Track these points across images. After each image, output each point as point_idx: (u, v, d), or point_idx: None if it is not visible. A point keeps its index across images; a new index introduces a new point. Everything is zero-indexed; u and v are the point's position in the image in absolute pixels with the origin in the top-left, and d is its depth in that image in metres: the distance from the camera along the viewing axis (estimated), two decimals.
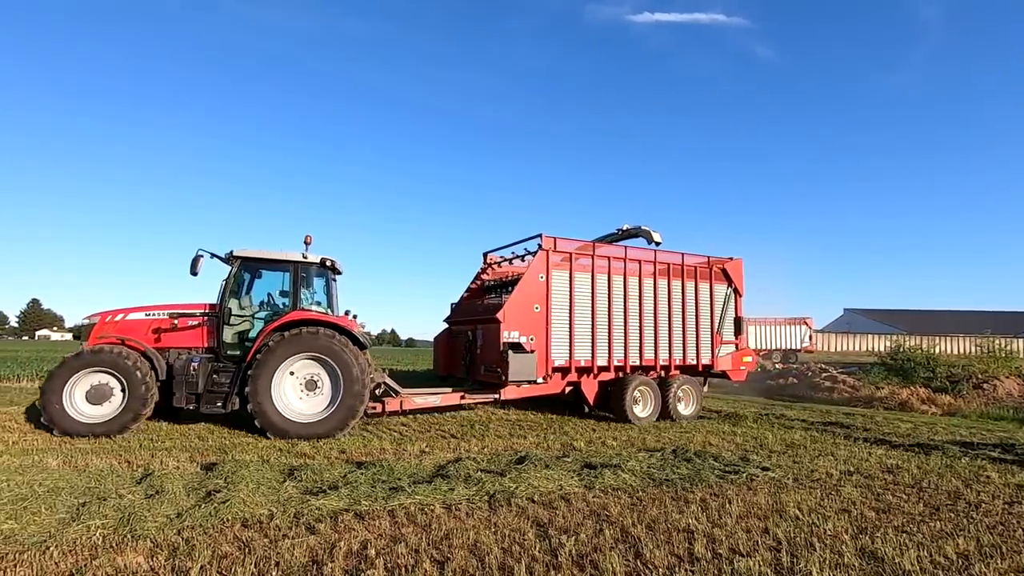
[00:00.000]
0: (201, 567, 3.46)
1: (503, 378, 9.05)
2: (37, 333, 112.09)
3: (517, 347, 9.26)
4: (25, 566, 3.46)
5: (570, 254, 10.02)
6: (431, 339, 12.76)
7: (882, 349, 30.27)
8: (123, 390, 7.68)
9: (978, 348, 21.51)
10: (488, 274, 12.05)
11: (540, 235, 9.79)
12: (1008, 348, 20.68)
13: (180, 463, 6.14)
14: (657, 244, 12.34)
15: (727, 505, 5.12)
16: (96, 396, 7.57)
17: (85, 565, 3.47)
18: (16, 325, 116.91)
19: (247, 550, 3.76)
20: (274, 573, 3.44)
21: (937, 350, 21.04)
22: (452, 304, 11.95)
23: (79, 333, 8.32)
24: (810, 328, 36.18)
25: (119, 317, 8.24)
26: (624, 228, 13.24)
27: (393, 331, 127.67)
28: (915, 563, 3.88)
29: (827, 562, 3.86)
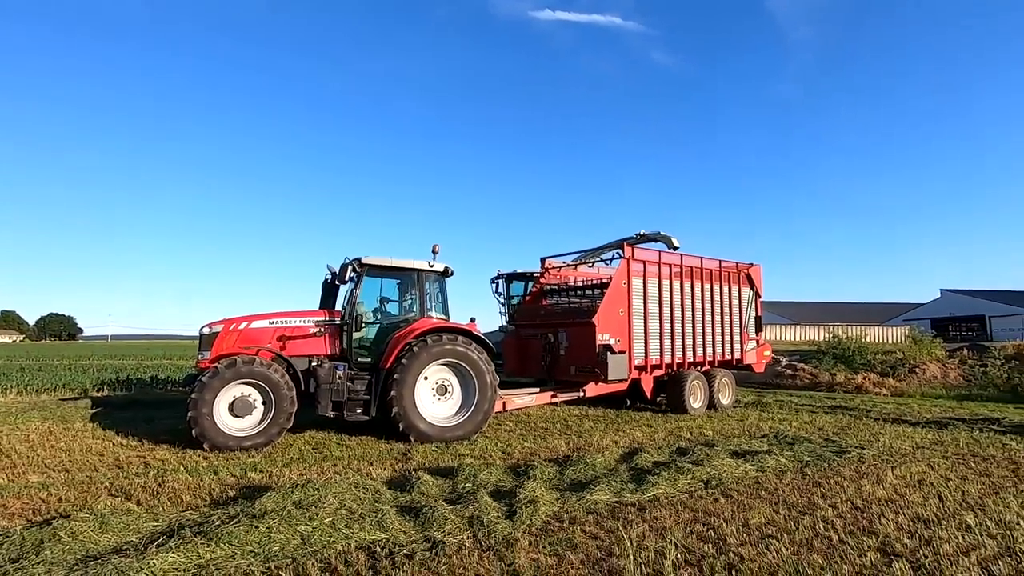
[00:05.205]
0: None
1: (603, 378, 9.84)
2: None
3: (609, 349, 10.08)
4: None
5: (644, 262, 10.99)
6: None
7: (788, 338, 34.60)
8: (264, 402, 7.57)
9: (906, 339, 25.59)
10: (545, 278, 12.70)
11: (623, 245, 10.67)
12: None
13: (398, 472, 6.40)
14: (675, 249, 13.59)
15: (885, 479, 6.33)
16: (240, 408, 7.41)
17: None
18: None
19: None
20: (673, 552, 4.07)
21: (867, 340, 24.63)
22: (516, 304, 12.48)
23: (199, 343, 8.02)
24: None
25: (243, 326, 8.03)
26: (642, 233, 14.34)
27: None
28: None
29: None
